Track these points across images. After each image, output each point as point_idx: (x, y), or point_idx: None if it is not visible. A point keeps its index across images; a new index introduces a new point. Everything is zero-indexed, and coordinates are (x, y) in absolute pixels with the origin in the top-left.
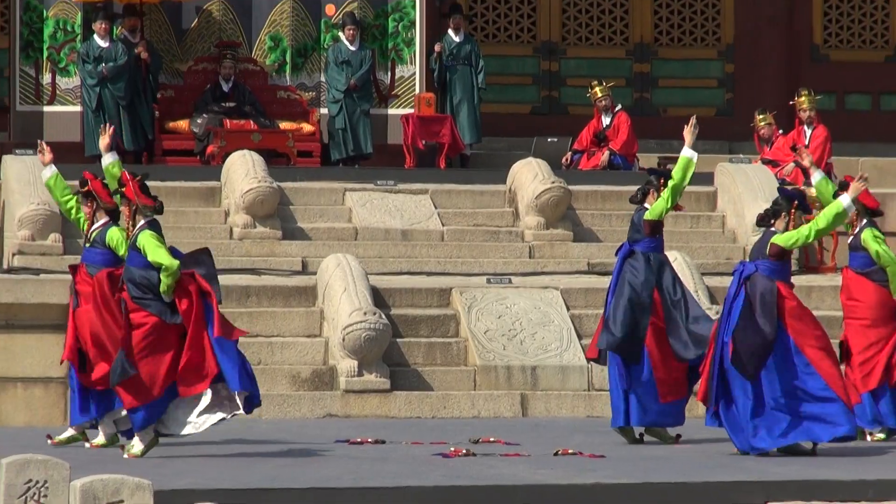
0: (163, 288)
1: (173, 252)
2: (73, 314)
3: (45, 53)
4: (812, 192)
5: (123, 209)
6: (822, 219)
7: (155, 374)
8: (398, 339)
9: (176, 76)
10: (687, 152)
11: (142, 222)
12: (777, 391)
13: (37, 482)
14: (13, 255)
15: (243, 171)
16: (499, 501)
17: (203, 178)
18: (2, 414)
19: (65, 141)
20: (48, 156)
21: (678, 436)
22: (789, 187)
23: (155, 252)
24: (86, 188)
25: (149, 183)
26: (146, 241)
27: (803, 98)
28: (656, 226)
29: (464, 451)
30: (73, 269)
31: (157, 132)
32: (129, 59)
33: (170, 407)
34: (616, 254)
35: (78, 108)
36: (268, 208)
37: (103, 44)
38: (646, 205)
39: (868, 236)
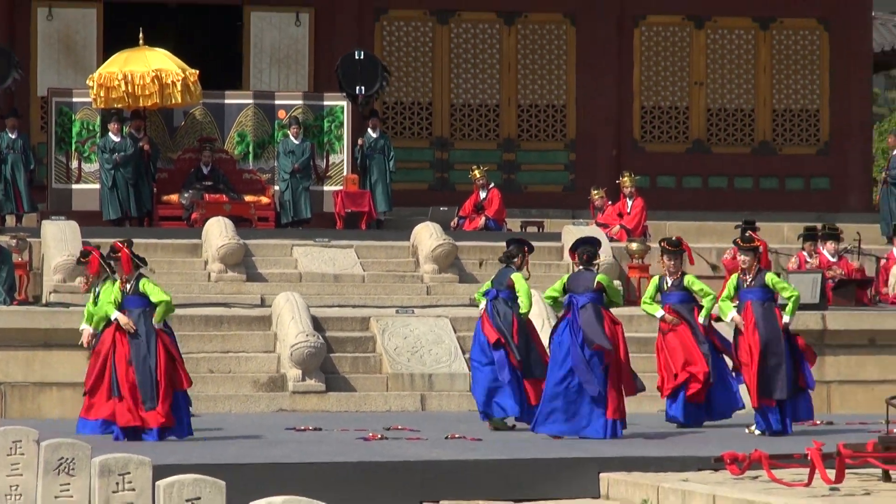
0: (158, 318)
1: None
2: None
3: (73, 146)
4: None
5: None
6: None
7: None
8: (331, 354)
9: (169, 162)
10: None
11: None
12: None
13: (67, 458)
14: (50, 293)
15: (218, 232)
16: (405, 473)
17: (188, 237)
18: (42, 409)
19: (87, 210)
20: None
21: (514, 426)
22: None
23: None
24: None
25: (148, 241)
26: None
27: (626, 178)
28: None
29: (379, 436)
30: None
31: (154, 203)
32: (135, 150)
33: None
34: (484, 294)
35: (97, 186)
36: (236, 259)
37: (116, 139)
38: (513, 264)
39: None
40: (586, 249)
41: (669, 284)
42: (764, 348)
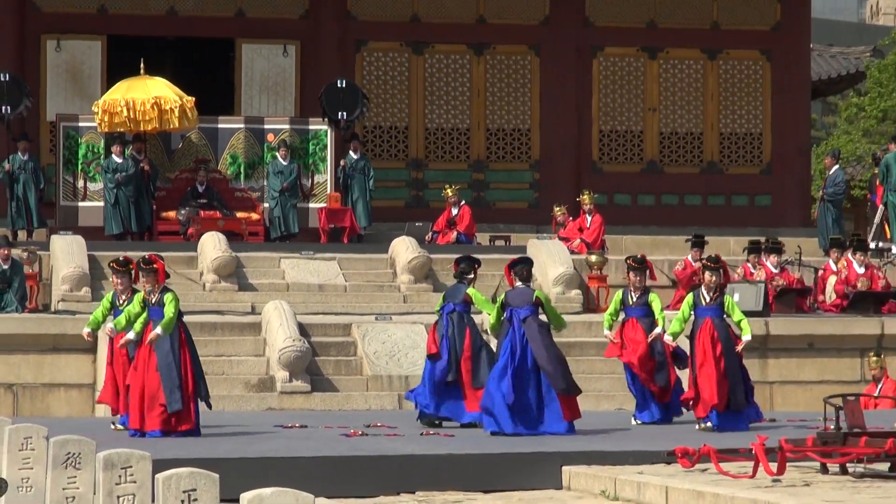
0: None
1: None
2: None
3: (79, 167)
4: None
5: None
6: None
7: None
8: (316, 358)
9: (167, 182)
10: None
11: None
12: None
13: (73, 453)
14: (58, 301)
15: (212, 246)
16: (384, 466)
17: (185, 250)
18: (51, 408)
19: (92, 225)
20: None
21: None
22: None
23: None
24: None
25: (148, 254)
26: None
27: (586, 196)
28: (470, 302)
29: (360, 433)
30: None
31: (154, 219)
32: (136, 170)
33: None
34: (441, 308)
35: (101, 204)
36: (228, 270)
37: (119, 160)
38: (466, 279)
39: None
40: (523, 267)
41: (634, 299)
42: (720, 360)
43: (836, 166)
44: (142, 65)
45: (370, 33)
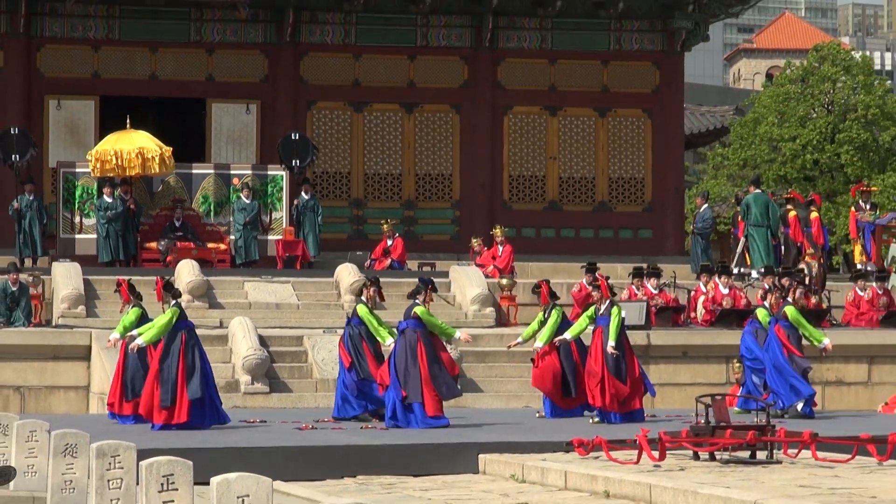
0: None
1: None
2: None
3: (76, 205)
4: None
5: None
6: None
7: None
8: (274, 364)
9: (149, 218)
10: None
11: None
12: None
13: (71, 444)
14: (58, 317)
15: (187, 271)
16: (331, 454)
17: (165, 275)
18: (52, 406)
19: (87, 254)
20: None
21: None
22: (422, 279)
23: None
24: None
25: (133, 278)
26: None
27: (498, 230)
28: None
29: (311, 427)
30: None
31: (138, 249)
32: (124, 209)
33: None
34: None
35: (94, 236)
36: (201, 291)
37: (109, 200)
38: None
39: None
40: (416, 286)
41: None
42: (609, 361)
43: (706, 205)
44: (128, 120)
45: (319, 94)
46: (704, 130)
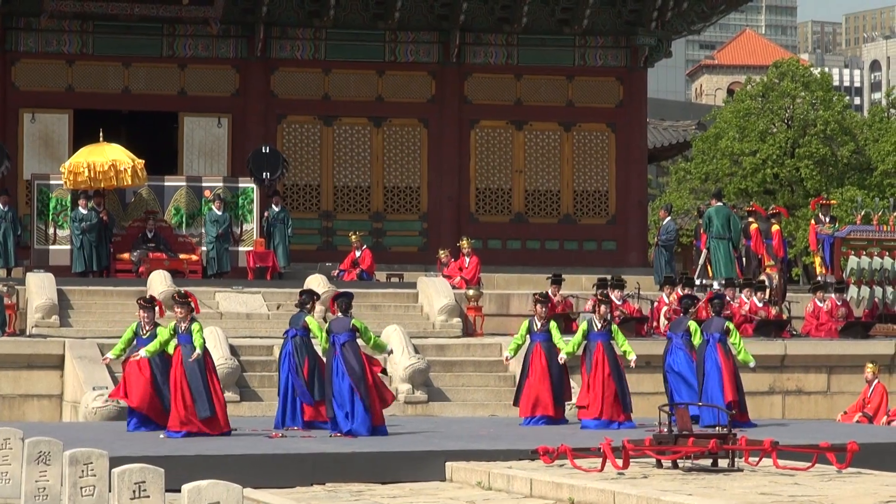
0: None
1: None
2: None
3: (50, 217)
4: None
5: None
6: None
7: None
8: (244, 373)
9: (122, 229)
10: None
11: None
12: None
13: (45, 452)
14: (32, 327)
15: (159, 281)
16: (300, 462)
17: (137, 286)
18: (26, 415)
19: (61, 265)
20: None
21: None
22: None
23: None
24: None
25: (106, 288)
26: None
27: (465, 242)
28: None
29: (280, 435)
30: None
31: (111, 260)
32: (97, 220)
33: None
34: (285, 333)
35: (68, 247)
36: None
37: (83, 212)
38: (306, 309)
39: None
40: (343, 300)
41: (539, 326)
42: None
43: (668, 218)
44: (101, 133)
45: (289, 108)
46: (667, 144)
